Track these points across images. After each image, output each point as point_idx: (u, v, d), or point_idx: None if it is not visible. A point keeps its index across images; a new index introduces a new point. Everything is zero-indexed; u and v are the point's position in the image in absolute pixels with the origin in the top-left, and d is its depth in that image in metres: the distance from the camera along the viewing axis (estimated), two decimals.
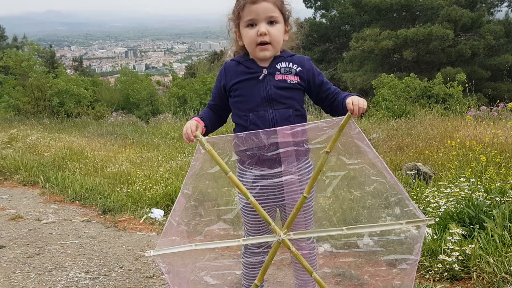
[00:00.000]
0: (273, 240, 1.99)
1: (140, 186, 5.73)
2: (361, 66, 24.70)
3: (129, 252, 3.67)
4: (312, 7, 29.57)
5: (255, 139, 1.96)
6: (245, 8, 2.01)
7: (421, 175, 5.16)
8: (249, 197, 1.94)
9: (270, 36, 2.01)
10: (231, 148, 2.05)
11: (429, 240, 3.20)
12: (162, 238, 2.05)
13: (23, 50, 19.75)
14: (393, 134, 8.14)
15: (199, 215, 2.17)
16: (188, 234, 2.11)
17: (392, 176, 1.92)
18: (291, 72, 2.08)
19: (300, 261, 1.97)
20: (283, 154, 2.00)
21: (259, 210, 1.94)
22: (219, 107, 2.20)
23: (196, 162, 2.00)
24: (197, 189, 2.10)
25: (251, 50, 2.08)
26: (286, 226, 1.96)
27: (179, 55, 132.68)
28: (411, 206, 1.92)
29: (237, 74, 2.10)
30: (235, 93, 2.10)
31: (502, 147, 5.12)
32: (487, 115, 8.27)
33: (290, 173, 2.05)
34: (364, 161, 1.96)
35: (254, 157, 2.03)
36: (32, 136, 9.69)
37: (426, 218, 1.89)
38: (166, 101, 21.31)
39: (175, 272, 2.10)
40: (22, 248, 3.76)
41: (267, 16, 2.01)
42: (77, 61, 45.77)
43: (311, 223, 2.23)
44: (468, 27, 22.90)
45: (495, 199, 3.39)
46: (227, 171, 1.92)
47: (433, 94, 12.76)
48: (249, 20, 2.02)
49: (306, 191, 1.92)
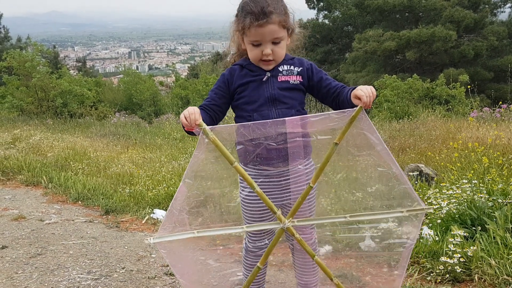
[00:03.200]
0: (278, 227, 2.01)
1: (142, 186, 5.74)
2: (364, 67, 24.68)
3: (131, 252, 3.68)
4: (315, 8, 29.59)
5: (263, 129, 1.97)
6: (251, 29, 2.03)
7: (423, 176, 5.15)
8: (255, 187, 1.94)
9: (274, 55, 2.08)
10: (235, 138, 2.04)
11: (430, 241, 3.20)
12: (162, 226, 2.03)
13: (27, 50, 19.85)
14: (396, 135, 8.13)
15: (202, 205, 2.16)
16: (189, 222, 2.09)
17: (397, 167, 1.97)
18: (293, 73, 2.14)
19: (304, 247, 2.02)
20: (291, 145, 2.02)
21: (264, 199, 1.95)
22: (217, 107, 2.15)
23: (198, 152, 1.97)
24: (199, 178, 2.08)
25: (254, 62, 2.14)
26: (291, 213, 1.99)
27: (182, 56, 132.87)
28: (414, 196, 2.00)
29: (241, 77, 2.14)
30: (239, 95, 2.14)
31: (504, 149, 5.11)
32: (489, 116, 8.26)
33: (297, 163, 2.10)
34: (372, 153, 1.99)
35: (260, 147, 2.03)
36: (35, 136, 9.72)
37: (426, 207, 2.00)
38: (169, 102, 21.37)
39: (177, 258, 2.11)
40: (24, 248, 3.78)
41: (272, 38, 2.06)
42: (80, 62, 45.94)
43: (312, 211, 2.26)
44: (471, 28, 22.87)
45: (497, 201, 3.39)
46: (232, 161, 1.92)
47: (436, 95, 12.75)
48: (254, 40, 2.07)
49: (313, 180, 1.96)
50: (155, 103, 21.20)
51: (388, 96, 12.97)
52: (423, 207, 1.98)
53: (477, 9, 23.66)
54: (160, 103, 21.35)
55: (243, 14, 2.06)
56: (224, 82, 2.17)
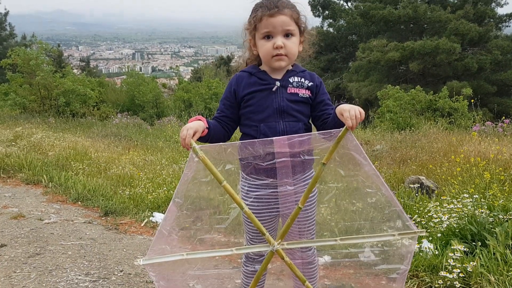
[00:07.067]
0: (267, 249, 1.98)
1: (142, 189, 5.73)
2: (367, 77, 24.72)
3: (130, 255, 3.67)
4: (320, 16, 29.71)
5: (251, 149, 1.95)
6: (262, 21, 2.04)
7: (424, 188, 5.15)
8: (243, 207, 1.92)
9: (285, 49, 2.04)
10: (226, 157, 2.02)
11: (430, 255, 3.19)
12: (152, 247, 2.01)
13: (32, 48, 19.89)
14: (397, 146, 8.12)
15: (192, 224, 2.15)
16: (179, 242, 2.07)
17: (387, 189, 1.95)
18: (303, 86, 2.12)
19: (294, 271, 1.98)
20: (279, 165, 1.99)
21: (253, 220, 1.93)
22: (227, 118, 2.16)
23: (188, 171, 1.95)
24: (190, 198, 2.05)
25: (266, 61, 2.10)
26: (280, 236, 1.96)
27: (186, 59, 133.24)
28: (405, 219, 1.96)
29: (249, 85, 2.11)
30: (247, 103, 2.11)
31: (506, 164, 5.11)
32: (492, 130, 8.25)
33: (286, 184, 2.05)
34: (361, 174, 1.98)
35: (249, 167, 2.04)
36: (37, 134, 9.73)
37: (418, 230, 1.96)
38: (171, 104, 21.41)
39: (166, 281, 2.07)
40: (23, 247, 3.77)
41: (283, 29, 2.04)
42: (84, 61, 46.10)
43: (312, 234, 2.23)
44: (476, 42, 22.93)
45: (498, 217, 3.38)
46: (221, 181, 1.88)
47: (439, 107, 12.75)
48: (265, 32, 2.05)
49: (301, 202, 1.91)
50: (157, 105, 21.22)
51: (391, 106, 12.98)
52: (415, 231, 1.95)
53: (482, 22, 23.73)
54: (162, 105, 21.38)
55: (255, 9, 2.08)
56: (231, 92, 2.15)
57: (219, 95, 19.72)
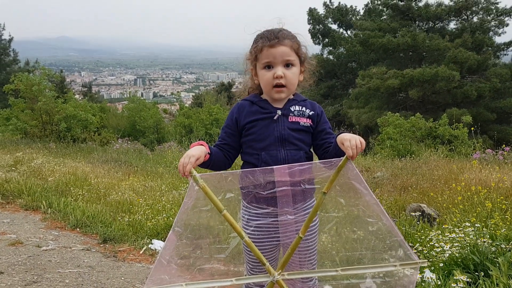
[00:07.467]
0: (267, 280, 1.96)
1: (142, 215, 5.69)
2: (367, 104, 24.89)
3: (128, 284, 3.62)
4: (320, 43, 30.15)
5: (251, 177, 1.96)
6: (263, 51, 2.07)
7: (425, 216, 5.11)
8: (243, 237, 1.92)
9: (286, 79, 2.07)
10: (226, 185, 2.02)
11: (432, 285, 3.14)
12: (151, 276, 1.99)
13: (35, 74, 20.09)
14: (398, 174, 8.11)
15: (192, 252, 2.13)
16: (178, 272, 2.04)
17: (388, 219, 1.94)
18: (304, 115, 2.14)
19: None
20: (280, 193, 1.99)
21: (253, 250, 1.92)
22: (228, 146, 2.18)
23: (188, 199, 1.95)
24: (189, 226, 2.04)
25: (266, 91, 2.13)
26: (280, 266, 1.95)
27: (187, 85, 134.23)
28: (406, 248, 1.95)
29: (251, 113, 2.13)
30: (248, 131, 2.12)
31: (507, 192, 5.08)
32: (492, 158, 8.24)
33: (286, 213, 2.04)
34: (361, 203, 1.97)
35: (250, 195, 2.04)
36: (37, 160, 9.73)
37: (420, 261, 1.95)
38: (172, 130, 21.49)
39: None
40: (20, 275, 3.72)
41: (284, 59, 2.07)
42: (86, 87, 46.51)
43: (313, 264, 2.20)
44: (474, 69, 23.14)
45: (500, 246, 3.35)
46: (221, 209, 1.89)
47: (439, 135, 12.78)
48: (266, 62, 2.08)
49: (302, 231, 1.91)
50: (158, 131, 21.31)
51: (391, 133, 13.02)
52: (416, 261, 1.93)
53: (480, 51, 24.00)
54: (163, 131, 21.47)
55: (256, 40, 2.12)
56: (232, 120, 2.17)
57: (220, 120, 19.83)
